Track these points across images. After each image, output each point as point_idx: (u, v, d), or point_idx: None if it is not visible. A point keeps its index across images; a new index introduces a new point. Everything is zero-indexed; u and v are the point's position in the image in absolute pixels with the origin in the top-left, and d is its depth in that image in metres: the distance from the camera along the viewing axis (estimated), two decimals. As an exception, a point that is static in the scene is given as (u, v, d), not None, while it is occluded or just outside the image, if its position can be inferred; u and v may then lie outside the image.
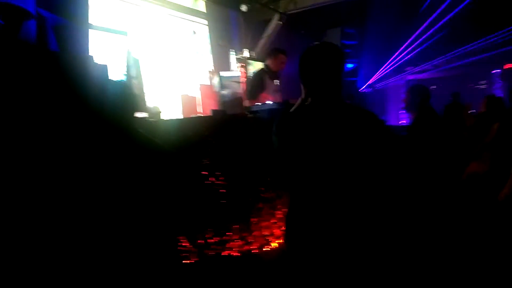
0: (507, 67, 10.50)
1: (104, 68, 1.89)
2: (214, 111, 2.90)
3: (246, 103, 4.07)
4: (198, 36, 5.75)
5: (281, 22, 6.35)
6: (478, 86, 12.06)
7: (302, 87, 1.77)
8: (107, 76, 1.87)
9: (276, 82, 4.34)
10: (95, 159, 1.80)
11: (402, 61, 10.52)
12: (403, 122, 10.43)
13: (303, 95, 1.76)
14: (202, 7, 5.95)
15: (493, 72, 11.19)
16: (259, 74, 4.27)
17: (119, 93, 1.91)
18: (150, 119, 2.64)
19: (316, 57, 1.69)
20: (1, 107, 1.38)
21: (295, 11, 6.36)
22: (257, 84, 4.13)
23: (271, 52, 4.21)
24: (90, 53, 2.09)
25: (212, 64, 5.85)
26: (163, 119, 3.15)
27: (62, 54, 1.85)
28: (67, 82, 1.68)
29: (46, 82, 1.60)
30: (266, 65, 4.26)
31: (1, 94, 1.37)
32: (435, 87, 10.34)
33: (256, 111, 3.03)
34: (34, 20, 1.79)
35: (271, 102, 3.25)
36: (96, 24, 2.86)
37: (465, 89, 11.13)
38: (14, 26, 1.58)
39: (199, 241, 2.44)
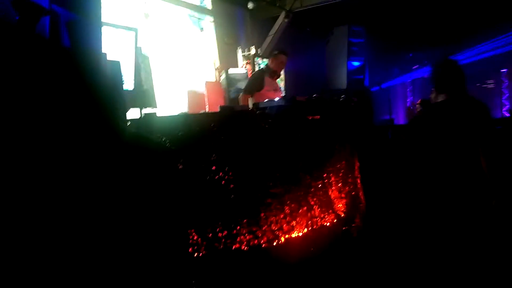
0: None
1: (117, 64, 1.92)
2: (222, 107, 2.92)
3: (241, 97, 4.15)
4: (205, 33, 5.78)
5: (287, 20, 6.37)
6: (485, 86, 12.02)
7: (434, 88, 2.51)
8: (120, 73, 1.89)
9: (276, 81, 4.43)
10: (106, 154, 1.83)
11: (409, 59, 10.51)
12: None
13: (434, 95, 2.50)
14: (209, 4, 5.98)
15: (501, 71, 11.12)
16: (259, 72, 4.39)
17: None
18: (159, 115, 2.66)
19: (455, 65, 2.48)
20: (17, 101, 1.41)
21: (301, 9, 6.37)
22: (256, 81, 4.21)
23: (272, 52, 4.33)
24: (103, 50, 2.12)
25: (218, 61, 5.88)
26: (173, 115, 3.18)
27: (75, 50, 1.88)
28: (79, 78, 1.71)
29: (60, 77, 1.63)
30: (266, 65, 4.36)
31: (17, 88, 1.40)
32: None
33: (265, 108, 3.06)
34: (48, 15, 1.82)
35: (277, 99, 3.29)
36: (107, 21, 2.89)
37: (473, 89, 11.10)
38: (30, 22, 1.61)
39: (209, 234, 2.46)
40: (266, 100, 3.35)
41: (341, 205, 3.43)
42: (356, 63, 5.63)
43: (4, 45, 1.38)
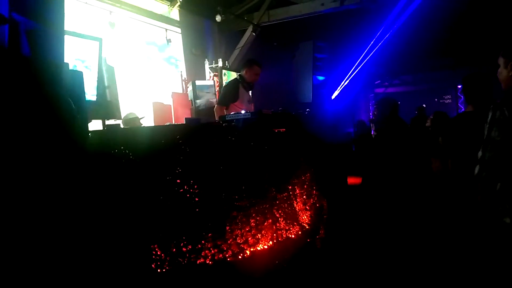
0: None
1: (79, 74, 1.87)
2: (188, 119, 2.90)
3: (216, 109, 4.08)
4: (173, 44, 5.75)
5: (254, 34, 6.46)
6: (443, 101, 12.67)
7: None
8: (82, 83, 1.85)
9: (249, 92, 4.39)
10: (64, 164, 1.77)
11: (365, 75, 10.90)
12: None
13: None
14: (176, 15, 5.96)
15: (458, 86, 11.76)
16: (234, 83, 4.30)
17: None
18: (123, 127, 2.61)
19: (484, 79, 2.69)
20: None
21: (269, 23, 6.49)
22: (230, 92, 4.16)
23: (246, 63, 4.25)
24: (65, 59, 2.06)
25: (185, 72, 5.86)
26: (137, 127, 3.13)
27: (35, 59, 1.82)
28: (38, 86, 1.66)
29: (17, 85, 1.57)
30: (240, 76, 4.29)
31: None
32: (399, 102, 10.73)
33: (232, 120, 3.06)
34: (7, 24, 1.76)
35: (243, 112, 3.30)
36: (70, 30, 2.82)
37: (431, 103, 11.67)
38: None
39: (172, 249, 2.42)
40: (232, 113, 3.37)
41: (305, 217, 3.48)
42: (321, 78, 5.79)
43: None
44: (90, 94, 2.76)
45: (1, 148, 1.53)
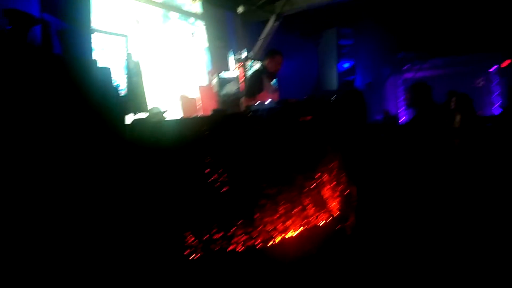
0: (505, 64, 10.56)
1: (107, 71, 1.94)
2: (214, 111, 2.95)
3: (244, 101, 4.15)
4: (196, 37, 5.82)
5: (277, 23, 6.42)
6: (475, 84, 12.14)
7: None
8: (111, 79, 1.92)
9: (273, 82, 4.43)
10: (101, 159, 1.85)
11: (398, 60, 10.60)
12: (402, 120, 10.51)
13: None
14: (199, 9, 6.02)
15: (490, 70, 11.26)
16: (257, 74, 4.34)
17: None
18: (151, 120, 2.69)
19: None
20: (9, 108, 1.44)
21: (291, 12, 6.42)
22: (255, 83, 4.20)
23: (268, 53, 4.31)
24: (94, 56, 2.14)
25: (210, 65, 5.92)
26: (165, 120, 3.21)
27: (66, 58, 1.90)
28: (71, 85, 1.73)
29: (51, 85, 1.65)
30: (263, 66, 4.35)
31: (9, 96, 1.42)
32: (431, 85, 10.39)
33: (257, 110, 3.09)
34: (39, 24, 1.85)
35: (269, 101, 3.32)
36: (97, 27, 2.91)
37: (463, 88, 11.19)
38: (21, 31, 1.63)
39: (204, 237, 2.48)
40: (258, 102, 3.39)
41: (334, 203, 3.47)
42: (346, 65, 5.70)
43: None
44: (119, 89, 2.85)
45: (42, 142, 1.61)
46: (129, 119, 2.82)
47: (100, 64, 1.93)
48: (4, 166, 1.48)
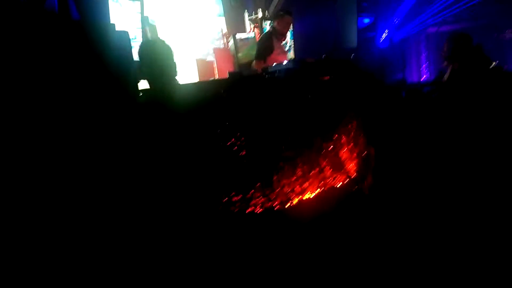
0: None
1: (125, 35, 1.93)
2: (231, 73, 2.93)
3: (255, 64, 4.15)
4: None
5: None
6: (503, 36, 11.50)
7: None
8: (130, 44, 1.92)
9: (283, 43, 4.41)
10: (119, 124, 1.88)
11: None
12: (424, 78, 10.18)
13: None
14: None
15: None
16: (267, 35, 4.35)
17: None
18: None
19: None
20: (31, 75, 1.46)
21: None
22: (265, 45, 4.21)
23: (277, 14, 4.32)
24: (111, 21, 2.13)
25: (225, 26, 5.79)
26: (185, 84, 3.21)
27: (84, 23, 1.90)
28: (89, 50, 1.74)
29: (70, 51, 1.66)
30: (272, 27, 4.34)
31: (30, 64, 1.45)
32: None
33: (274, 72, 3.05)
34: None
35: (286, 62, 3.27)
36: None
37: (489, 40, 10.64)
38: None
39: (224, 199, 2.55)
40: (274, 64, 3.34)
41: (352, 165, 3.48)
42: (366, 20, 5.48)
43: (14, 20, 1.41)
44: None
45: (61, 106, 1.65)
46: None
47: (117, 28, 1.92)
48: (27, 127, 1.53)
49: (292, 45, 5.59)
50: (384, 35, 6.44)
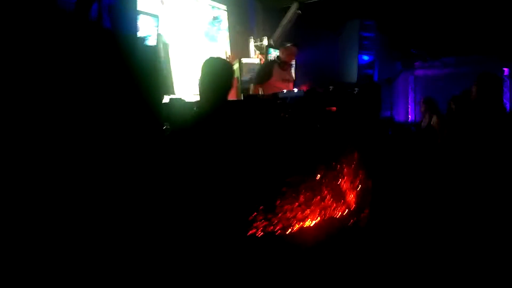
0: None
1: (154, 49, 1.96)
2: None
3: (252, 88, 4.27)
4: (218, 21, 5.78)
5: (299, 11, 6.37)
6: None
7: None
8: (158, 57, 1.94)
9: (286, 72, 4.54)
10: (145, 132, 1.89)
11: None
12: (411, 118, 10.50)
13: None
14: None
15: (504, 69, 11.15)
16: (270, 62, 4.58)
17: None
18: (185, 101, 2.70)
19: None
20: (76, 77, 1.47)
21: (313, 0, 6.37)
22: (265, 71, 4.38)
23: (282, 44, 4.52)
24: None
25: (229, 49, 5.89)
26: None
27: (116, 33, 1.92)
28: (123, 61, 1.76)
29: (105, 59, 1.68)
30: (277, 55, 4.52)
31: (75, 68, 1.45)
32: (441, 85, 10.47)
33: (285, 98, 3.12)
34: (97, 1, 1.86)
35: (296, 90, 3.36)
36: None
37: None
38: (85, 6, 1.64)
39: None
40: (285, 91, 3.42)
41: (352, 196, 3.51)
42: (366, 58, 5.68)
43: (63, 29, 1.43)
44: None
45: (89, 104, 1.66)
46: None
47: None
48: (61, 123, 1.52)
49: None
50: (380, 74, 6.67)
